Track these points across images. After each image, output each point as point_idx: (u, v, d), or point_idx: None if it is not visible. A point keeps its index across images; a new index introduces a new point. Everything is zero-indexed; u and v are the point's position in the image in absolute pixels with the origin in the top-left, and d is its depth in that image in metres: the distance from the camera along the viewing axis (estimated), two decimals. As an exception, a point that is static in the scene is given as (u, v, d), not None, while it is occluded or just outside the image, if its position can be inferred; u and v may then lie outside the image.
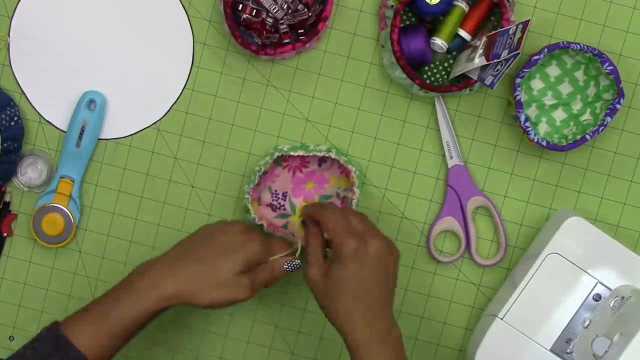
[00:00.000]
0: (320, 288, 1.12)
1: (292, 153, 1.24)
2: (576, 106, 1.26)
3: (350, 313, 1.11)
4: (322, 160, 1.28)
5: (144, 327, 1.12)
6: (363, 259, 1.12)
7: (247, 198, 1.24)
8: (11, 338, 1.31)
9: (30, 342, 1.09)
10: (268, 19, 1.24)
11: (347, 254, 1.11)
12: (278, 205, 1.29)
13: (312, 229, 1.17)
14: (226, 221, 1.19)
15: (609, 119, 1.22)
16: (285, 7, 1.24)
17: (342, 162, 1.24)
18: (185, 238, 1.17)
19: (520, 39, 1.18)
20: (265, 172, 1.26)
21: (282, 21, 1.24)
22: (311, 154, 1.24)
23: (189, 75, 1.28)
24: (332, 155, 1.24)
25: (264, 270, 1.16)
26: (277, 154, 1.24)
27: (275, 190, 1.29)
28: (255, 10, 1.24)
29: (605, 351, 1.14)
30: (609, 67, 1.21)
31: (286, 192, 1.29)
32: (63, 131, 1.29)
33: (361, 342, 1.10)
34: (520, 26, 1.19)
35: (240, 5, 1.24)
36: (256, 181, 1.24)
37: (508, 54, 1.17)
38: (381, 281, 1.12)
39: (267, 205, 1.29)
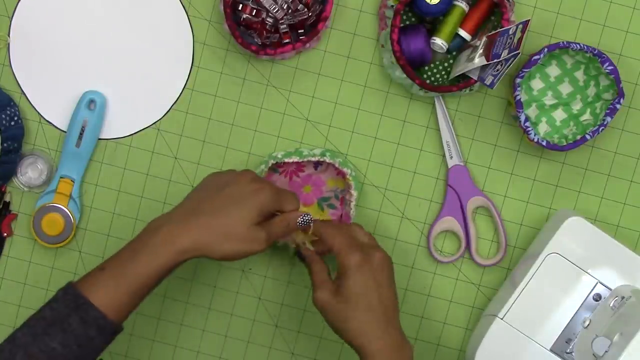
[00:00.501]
0: (331, 307, 1.13)
1: (286, 159, 1.24)
2: (576, 106, 1.26)
3: (363, 324, 1.11)
4: (317, 163, 1.28)
5: (161, 281, 1.10)
6: (369, 269, 1.13)
7: None
8: (11, 338, 1.31)
9: (47, 303, 1.07)
10: (268, 19, 1.24)
11: (354, 267, 1.12)
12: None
13: (311, 254, 1.17)
14: (236, 170, 1.16)
15: (609, 119, 1.22)
16: (285, 7, 1.24)
17: (337, 164, 1.24)
18: (195, 189, 1.15)
19: (520, 39, 1.18)
20: None
21: (282, 21, 1.24)
22: (306, 159, 1.24)
23: (189, 75, 1.28)
24: (327, 159, 1.24)
25: (280, 223, 1.13)
26: (271, 161, 1.24)
27: None
28: (255, 10, 1.24)
29: (605, 351, 1.14)
30: (609, 67, 1.21)
31: None
32: (63, 131, 1.29)
33: (377, 351, 1.10)
34: (520, 26, 1.19)
35: (240, 5, 1.24)
36: None
37: (508, 54, 1.17)
38: (389, 290, 1.14)
39: None
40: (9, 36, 1.28)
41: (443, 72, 1.27)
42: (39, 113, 1.29)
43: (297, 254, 1.20)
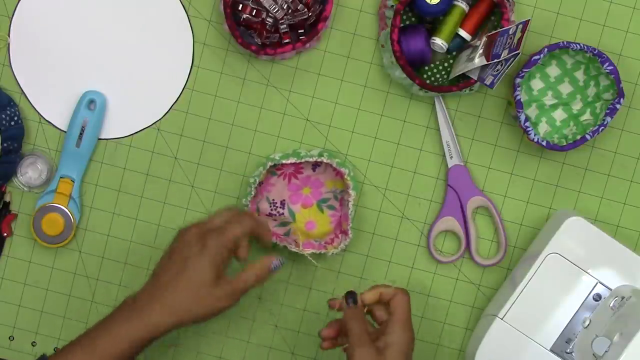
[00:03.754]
0: None
1: (284, 161, 1.24)
2: (576, 106, 1.26)
3: None
4: (316, 164, 1.28)
5: (134, 357, 1.12)
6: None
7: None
8: (11, 338, 1.31)
9: None
10: (268, 19, 1.24)
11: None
12: (277, 214, 1.29)
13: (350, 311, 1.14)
14: (181, 230, 1.16)
15: (609, 119, 1.22)
16: (285, 7, 1.24)
17: (334, 165, 1.24)
18: (158, 265, 1.16)
19: (520, 39, 1.18)
20: (260, 183, 1.26)
21: (282, 21, 1.24)
22: (304, 160, 1.24)
23: (189, 75, 1.28)
24: (325, 159, 1.24)
25: (246, 277, 1.14)
26: (269, 163, 1.24)
27: (273, 200, 1.29)
28: (255, 10, 1.24)
29: (605, 351, 1.14)
30: (609, 67, 1.21)
31: (284, 200, 1.29)
32: (63, 131, 1.29)
33: None
34: (520, 26, 1.19)
35: (240, 5, 1.24)
36: (252, 193, 1.24)
37: (508, 54, 1.17)
38: None
39: (267, 215, 1.28)
40: (9, 36, 1.28)
41: (443, 72, 1.27)
42: (39, 113, 1.29)
43: (352, 298, 1.16)
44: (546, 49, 1.21)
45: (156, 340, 1.12)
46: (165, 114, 1.29)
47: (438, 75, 1.27)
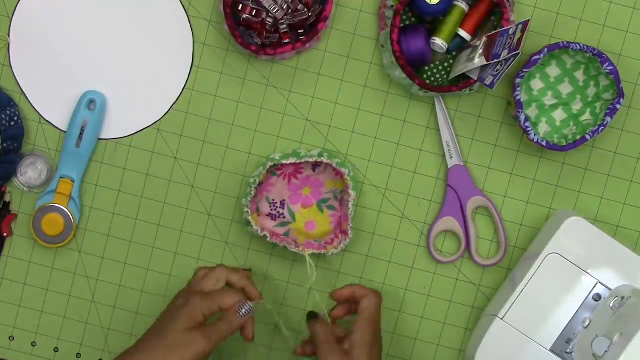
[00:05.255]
0: None
1: (284, 161, 1.24)
2: (576, 106, 1.26)
3: None
4: (316, 164, 1.28)
5: None
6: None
7: (247, 211, 1.24)
8: (11, 338, 1.31)
9: None
10: (268, 19, 1.24)
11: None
12: (277, 214, 1.29)
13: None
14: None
15: (609, 119, 1.22)
16: (285, 7, 1.24)
17: (334, 165, 1.24)
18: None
19: (520, 39, 1.18)
20: (260, 183, 1.26)
21: (282, 21, 1.24)
22: (304, 160, 1.24)
23: (189, 75, 1.28)
24: (324, 159, 1.24)
25: (221, 320, 1.16)
26: (269, 163, 1.24)
27: (273, 200, 1.29)
28: (255, 10, 1.24)
29: (605, 351, 1.14)
30: (609, 67, 1.21)
31: (284, 200, 1.29)
32: (63, 131, 1.29)
33: None
34: (520, 26, 1.19)
35: (240, 5, 1.24)
36: (252, 193, 1.24)
37: (508, 54, 1.17)
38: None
39: (267, 215, 1.28)
40: (9, 36, 1.28)
41: (443, 72, 1.27)
42: (39, 113, 1.29)
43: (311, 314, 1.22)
44: (546, 49, 1.21)
45: None
46: (165, 114, 1.29)
47: (438, 75, 1.27)
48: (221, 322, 1.15)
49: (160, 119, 1.29)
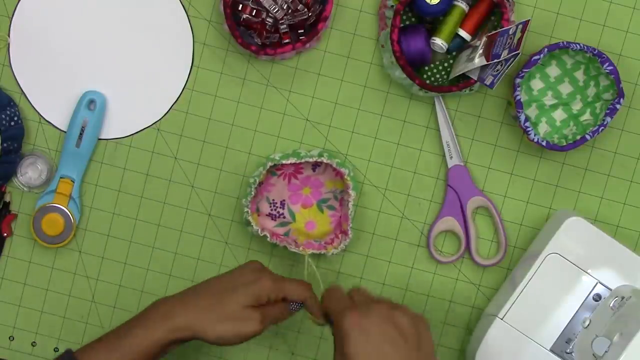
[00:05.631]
0: None
1: (284, 161, 1.24)
2: (576, 106, 1.26)
3: None
4: (316, 164, 1.28)
5: (158, 358, 1.12)
6: (366, 328, 1.03)
7: (247, 211, 1.24)
8: (11, 338, 1.31)
9: None
10: (268, 19, 1.24)
11: (347, 330, 1.03)
12: (277, 214, 1.29)
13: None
14: (242, 264, 1.17)
15: (609, 119, 1.22)
16: (285, 7, 1.24)
17: (334, 165, 1.24)
18: (205, 280, 1.17)
19: (520, 39, 1.18)
20: (260, 183, 1.26)
21: (282, 21, 1.24)
22: (304, 160, 1.24)
23: (189, 75, 1.28)
24: (324, 159, 1.24)
25: (276, 306, 1.14)
26: (269, 163, 1.24)
27: (273, 200, 1.29)
28: (255, 10, 1.24)
29: (605, 351, 1.14)
30: (609, 67, 1.21)
31: (284, 200, 1.29)
32: (63, 131, 1.29)
33: None
34: (520, 26, 1.19)
35: (240, 5, 1.24)
36: (252, 193, 1.24)
37: (508, 54, 1.17)
38: (399, 344, 1.03)
39: (267, 215, 1.28)
40: (9, 36, 1.28)
41: (443, 72, 1.27)
42: (39, 113, 1.29)
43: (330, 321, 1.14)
44: (546, 49, 1.21)
45: (179, 345, 1.12)
46: (165, 114, 1.29)
47: (438, 75, 1.27)
48: (275, 311, 1.13)
49: (160, 119, 1.29)
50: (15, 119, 1.26)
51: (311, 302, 1.15)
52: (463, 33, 1.24)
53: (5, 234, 1.29)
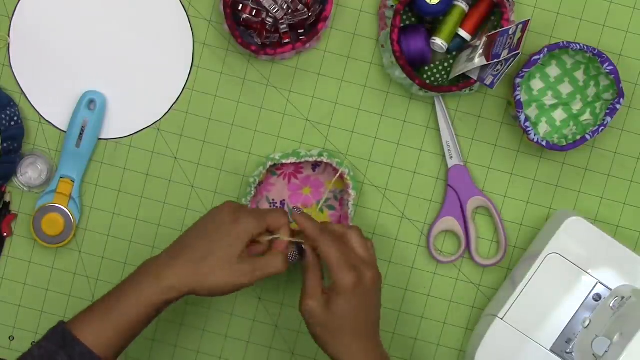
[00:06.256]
0: (318, 320, 1.13)
1: (284, 161, 1.24)
2: (576, 106, 1.26)
3: (349, 345, 1.13)
4: (316, 164, 1.28)
5: (150, 321, 1.12)
6: (362, 292, 1.13)
7: None
8: (11, 338, 1.31)
9: (37, 342, 1.10)
10: (268, 19, 1.24)
11: (347, 288, 1.12)
12: None
13: (310, 259, 1.15)
14: (216, 207, 1.16)
15: (609, 119, 1.22)
16: (285, 7, 1.24)
17: (334, 165, 1.24)
18: (184, 232, 1.16)
19: (520, 39, 1.18)
20: (260, 183, 1.26)
21: (282, 21, 1.24)
22: (303, 160, 1.24)
23: (189, 75, 1.28)
24: (324, 159, 1.24)
25: (268, 259, 1.13)
26: (269, 163, 1.24)
27: (273, 199, 1.29)
28: (255, 10, 1.24)
29: (605, 351, 1.14)
30: (609, 67, 1.21)
31: (284, 200, 1.29)
32: (63, 131, 1.29)
33: None
34: (520, 26, 1.19)
35: (240, 5, 1.24)
36: (252, 193, 1.24)
37: (508, 54, 1.17)
38: (375, 311, 1.16)
39: None
40: (9, 36, 1.28)
41: (443, 72, 1.27)
42: (39, 113, 1.29)
43: (299, 249, 1.19)
44: (546, 49, 1.21)
45: (173, 303, 1.11)
46: (165, 114, 1.29)
47: (438, 75, 1.27)
48: (268, 262, 1.12)
49: (160, 119, 1.29)
50: (15, 119, 1.26)
51: (287, 229, 1.15)
52: (463, 33, 1.24)
53: (5, 234, 1.29)
